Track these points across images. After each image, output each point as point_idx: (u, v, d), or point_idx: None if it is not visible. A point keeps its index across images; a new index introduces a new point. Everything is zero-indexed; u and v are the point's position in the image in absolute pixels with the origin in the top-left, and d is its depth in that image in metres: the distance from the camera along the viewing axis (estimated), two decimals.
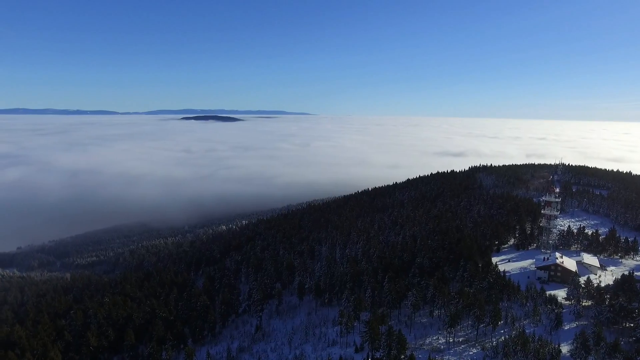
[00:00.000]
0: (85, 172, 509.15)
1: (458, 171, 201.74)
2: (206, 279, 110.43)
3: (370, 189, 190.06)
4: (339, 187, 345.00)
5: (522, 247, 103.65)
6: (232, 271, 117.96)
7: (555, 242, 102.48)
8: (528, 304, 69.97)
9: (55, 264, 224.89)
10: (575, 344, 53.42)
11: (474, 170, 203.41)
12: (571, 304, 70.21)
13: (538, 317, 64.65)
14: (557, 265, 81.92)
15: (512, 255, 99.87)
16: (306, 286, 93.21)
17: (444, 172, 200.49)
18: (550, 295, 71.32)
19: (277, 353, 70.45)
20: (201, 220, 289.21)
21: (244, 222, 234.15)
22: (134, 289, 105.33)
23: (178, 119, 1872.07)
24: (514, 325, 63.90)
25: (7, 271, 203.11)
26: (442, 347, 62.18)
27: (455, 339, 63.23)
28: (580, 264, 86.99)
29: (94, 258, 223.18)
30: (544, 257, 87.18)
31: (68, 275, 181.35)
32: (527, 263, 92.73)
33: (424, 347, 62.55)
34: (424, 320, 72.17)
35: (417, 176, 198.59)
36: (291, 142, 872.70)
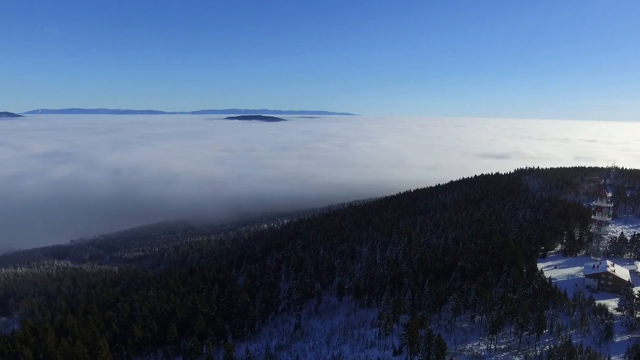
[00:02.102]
0: (128, 170, 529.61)
1: (503, 173, 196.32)
2: (247, 277, 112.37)
3: (412, 190, 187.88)
4: (374, 188, 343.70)
5: (569, 253, 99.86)
6: (273, 269, 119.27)
7: (606, 250, 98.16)
8: (575, 313, 67.33)
9: (105, 257, 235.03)
10: (627, 358, 51.08)
11: (520, 172, 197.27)
12: (623, 315, 66.91)
13: (586, 327, 62.15)
14: (608, 273, 78.39)
15: (559, 261, 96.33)
16: (346, 287, 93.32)
17: (489, 174, 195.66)
18: (599, 304, 68.38)
19: (315, 353, 70.87)
20: (237, 219, 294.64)
21: (285, 221, 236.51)
22: (177, 284, 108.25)
23: (222, 119, 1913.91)
24: (559, 334, 61.66)
25: (62, 262, 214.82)
26: (482, 353, 60.82)
27: (496, 346, 61.78)
28: (634, 273, 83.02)
29: (140, 253, 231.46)
30: (594, 265, 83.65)
31: (116, 268, 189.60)
32: (575, 270, 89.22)
33: (464, 352, 61.45)
34: (465, 325, 70.86)
35: (461, 178, 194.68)
36: (330, 142, 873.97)
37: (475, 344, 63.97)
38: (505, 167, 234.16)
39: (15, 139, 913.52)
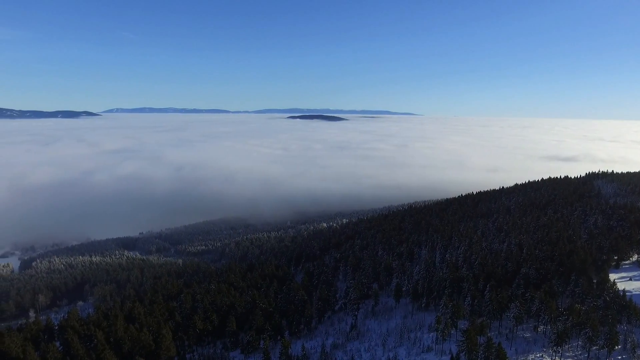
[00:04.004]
0: (189, 167, 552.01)
1: (573, 177, 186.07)
2: (305, 274, 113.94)
3: (474, 193, 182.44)
4: (429, 190, 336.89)
5: None
6: (331, 268, 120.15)
7: None
8: None
9: (170, 250, 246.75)
10: None
11: (592, 176, 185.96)
12: None
13: None
14: None
15: (635, 273, 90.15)
16: (403, 289, 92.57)
17: (557, 177, 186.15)
18: None
19: (371, 354, 70.84)
20: (294, 217, 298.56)
21: (344, 220, 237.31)
22: (237, 279, 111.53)
23: (284, 118, 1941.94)
24: (634, 352, 57.73)
25: (131, 253, 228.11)
26: None
27: (562, 359, 59.12)
28: None
29: (203, 247, 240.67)
30: None
31: (180, 261, 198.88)
32: None
33: None
34: (527, 335, 68.27)
35: (527, 181, 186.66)
36: (389, 142, 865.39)
37: (538, 355, 61.52)
38: (573, 170, 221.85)
39: (91, 136, 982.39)
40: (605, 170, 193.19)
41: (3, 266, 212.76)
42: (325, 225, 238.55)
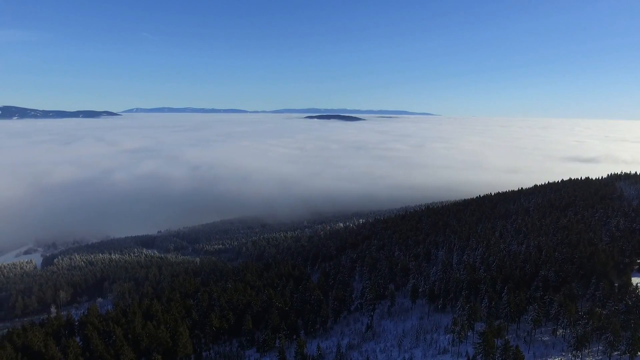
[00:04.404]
0: (205, 166, 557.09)
1: (594, 178, 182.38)
2: (321, 274, 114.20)
3: (492, 194, 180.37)
4: (445, 191, 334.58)
5: None
6: (347, 268, 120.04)
7: None
8: None
9: (188, 249, 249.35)
10: None
11: (614, 178, 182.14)
12: None
13: None
14: None
15: None
16: (420, 289, 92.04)
17: (577, 178, 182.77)
18: None
19: (386, 354, 70.68)
20: (309, 217, 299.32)
21: (360, 221, 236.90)
22: (254, 278, 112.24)
23: (302, 118, 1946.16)
24: None
25: (149, 251, 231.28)
26: None
27: None
28: None
29: (220, 246, 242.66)
30: None
31: (198, 259, 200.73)
32: None
33: None
34: (546, 338, 67.27)
35: (546, 182, 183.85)
36: (406, 142, 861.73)
37: (557, 359, 60.62)
38: (594, 171, 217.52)
39: (110, 135, 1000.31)
40: (628, 172, 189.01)
41: (26, 262, 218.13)
42: (341, 225, 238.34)
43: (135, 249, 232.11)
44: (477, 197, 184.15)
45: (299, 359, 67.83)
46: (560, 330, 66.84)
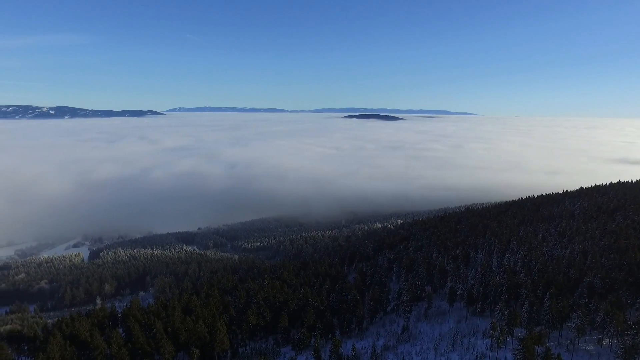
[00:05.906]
0: (242, 165, 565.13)
1: None
2: (358, 274, 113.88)
3: (535, 196, 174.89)
4: (482, 192, 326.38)
5: None
6: (384, 269, 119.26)
7: None
8: None
9: (227, 246, 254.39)
10: None
11: None
12: None
13: None
14: None
15: None
16: (458, 292, 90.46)
17: (627, 181, 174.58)
18: None
19: (422, 357, 69.79)
20: (345, 216, 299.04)
21: (398, 221, 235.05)
22: (290, 276, 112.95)
23: (340, 117, 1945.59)
24: None
25: (189, 248, 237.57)
26: None
27: None
28: None
29: (258, 244, 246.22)
30: None
31: (236, 256, 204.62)
32: None
33: None
34: (590, 347, 64.81)
35: (593, 185, 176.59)
36: (444, 142, 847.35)
37: None
38: None
39: (152, 134, 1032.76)
40: None
41: (75, 255, 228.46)
42: (379, 225, 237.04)
43: (176, 245, 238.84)
44: (518, 199, 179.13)
45: (334, 359, 68.04)
46: (607, 340, 64.29)
